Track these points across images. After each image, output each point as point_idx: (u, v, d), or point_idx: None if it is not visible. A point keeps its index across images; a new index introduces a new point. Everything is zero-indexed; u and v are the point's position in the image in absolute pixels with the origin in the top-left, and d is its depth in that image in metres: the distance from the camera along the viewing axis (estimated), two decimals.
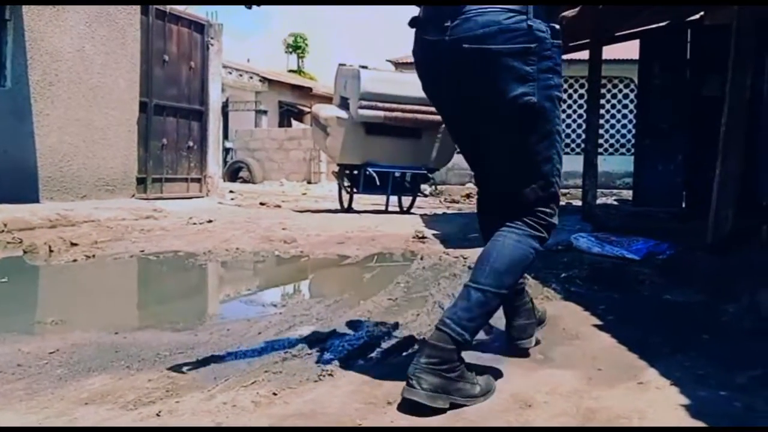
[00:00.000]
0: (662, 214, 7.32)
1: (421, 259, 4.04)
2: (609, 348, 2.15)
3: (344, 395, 1.65)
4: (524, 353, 2.05)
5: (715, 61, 7.05)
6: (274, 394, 1.64)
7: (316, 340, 2.16)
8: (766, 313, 2.39)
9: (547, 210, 1.79)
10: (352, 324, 2.40)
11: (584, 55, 9.56)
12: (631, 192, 13.06)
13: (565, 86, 14.47)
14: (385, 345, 2.12)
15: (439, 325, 1.66)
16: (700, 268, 3.10)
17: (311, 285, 3.65)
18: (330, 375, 1.80)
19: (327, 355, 2.00)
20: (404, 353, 2.04)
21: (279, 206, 8.54)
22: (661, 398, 1.67)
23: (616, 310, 2.71)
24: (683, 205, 7.11)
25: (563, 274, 3.58)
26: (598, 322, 2.50)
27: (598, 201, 6.72)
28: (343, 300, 2.86)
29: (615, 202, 9.72)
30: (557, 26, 1.67)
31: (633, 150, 13.97)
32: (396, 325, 2.38)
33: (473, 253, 4.22)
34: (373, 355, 2.02)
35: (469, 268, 3.72)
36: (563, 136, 1.92)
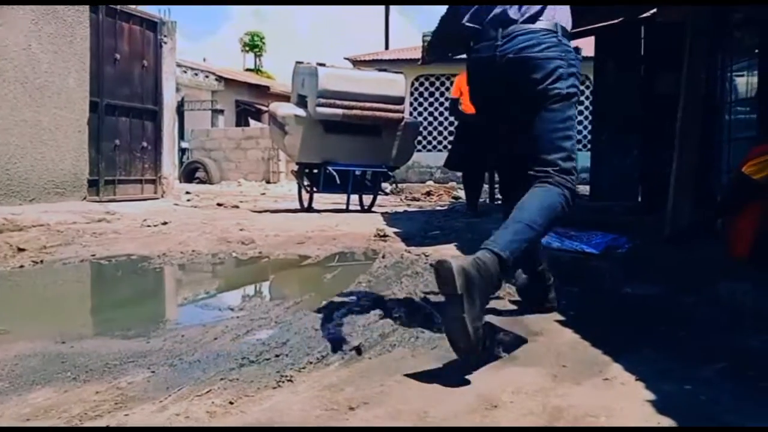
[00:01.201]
0: (618, 207, 7.43)
1: (383, 257, 3.98)
2: (573, 344, 2.14)
3: (304, 402, 1.59)
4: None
5: (669, 58, 7.19)
6: (231, 403, 1.57)
7: (275, 345, 2.09)
8: (726, 304, 2.41)
9: (569, 177, 2.20)
10: (313, 326, 2.33)
11: None
12: (587, 187, 13.34)
13: None
14: (346, 348, 2.06)
15: (487, 247, 1.97)
16: (659, 260, 3.13)
17: (270, 287, 3.56)
18: (289, 381, 1.73)
19: (286, 360, 1.93)
20: (368, 356, 1.98)
21: (237, 207, 8.39)
22: (627, 394, 1.66)
23: (578, 304, 2.70)
24: (639, 199, 7.23)
25: (522, 272, 3.57)
26: (561, 318, 2.48)
27: None
28: (303, 302, 2.78)
29: None
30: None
31: (589, 146, 14.27)
32: (359, 326, 2.32)
33: (435, 251, 4.21)
34: (334, 358, 1.96)
35: (431, 265, 3.69)
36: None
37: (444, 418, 1.51)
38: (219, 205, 8.51)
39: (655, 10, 8.16)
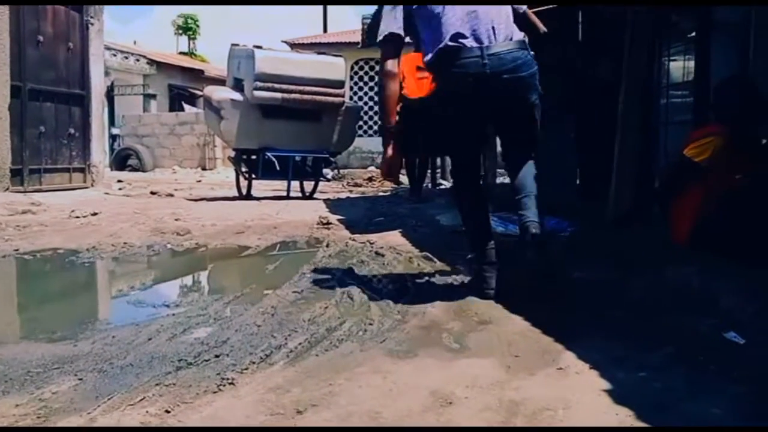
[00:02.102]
0: (557, 191, 7.53)
1: (327, 246, 3.88)
2: (524, 332, 2.10)
3: (247, 407, 1.48)
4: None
5: (606, 44, 7.30)
6: (167, 411, 1.45)
7: (214, 344, 1.96)
8: (673, 288, 2.42)
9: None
10: (255, 322, 2.21)
11: None
12: None
13: None
14: (291, 345, 1.96)
15: (530, 227, 2.53)
16: (603, 245, 3.14)
17: (208, 281, 3.41)
18: (231, 384, 1.62)
19: (227, 361, 1.81)
20: (314, 353, 1.88)
21: (171, 195, 8.08)
22: (582, 384, 1.62)
23: (525, 290, 2.67)
24: (577, 183, 7.35)
25: (469, 255, 3.53)
26: (510, 305, 2.44)
27: (496, 181, 6.80)
28: (244, 296, 2.66)
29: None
30: None
31: None
32: (303, 321, 2.22)
33: (380, 238, 4.13)
34: (278, 357, 1.85)
35: (377, 253, 3.62)
36: None
37: (398, 418, 1.43)
38: (153, 193, 8.18)
39: None
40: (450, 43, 2.52)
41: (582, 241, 3.46)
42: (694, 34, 4.44)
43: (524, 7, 2.85)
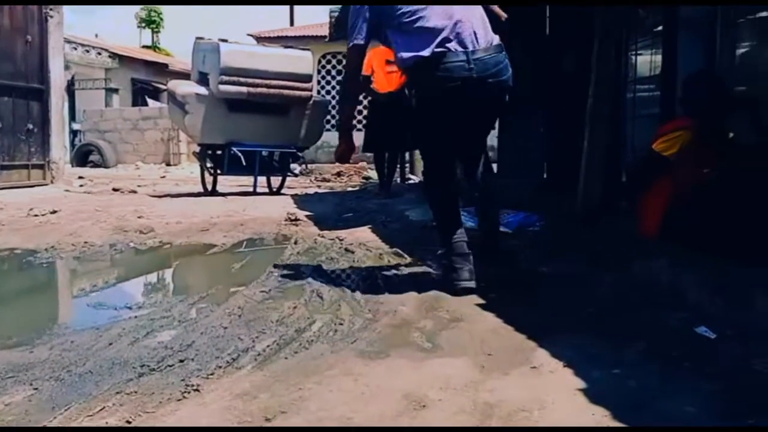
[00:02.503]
0: (524, 185, 7.57)
1: (295, 243, 3.81)
2: (496, 329, 2.07)
3: (214, 414, 1.42)
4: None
5: (574, 36, 7.34)
6: (128, 422, 1.38)
7: (178, 348, 1.89)
8: (643, 282, 2.42)
9: None
10: (221, 324, 2.14)
11: None
12: (495, 165, 13.61)
13: None
14: (259, 347, 1.90)
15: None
16: (573, 240, 3.14)
17: (172, 280, 3.31)
18: (196, 390, 1.55)
19: (192, 366, 1.74)
20: (283, 356, 1.83)
21: (135, 192, 7.89)
22: (557, 383, 1.60)
23: (496, 286, 2.65)
24: (544, 176, 7.39)
25: (440, 251, 3.50)
26: (481, 301, 2.42)
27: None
28: (210, 296, 2.58)
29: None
30: None
31: (494, 125, 14.55)
32: (271, 322, 2.16)
33: (349, 234, 4.07)
34: (245, 360, 1.79)
35: (346, 250, 3.56)
36: None
37: (370, 423, 1.39)
38: (115, 190, 7.97)
39: None
40: (437, 49, 2.59)
41: (551, 235, 3.45)
42: (660, 29, 4.47)
43: (495, 6, 2.93)
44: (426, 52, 2.59)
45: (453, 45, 2.59)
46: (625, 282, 2.53)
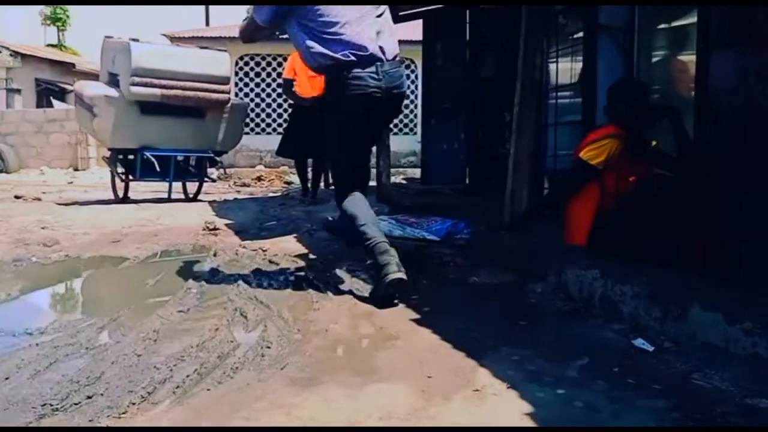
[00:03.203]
0: (448, 190, 7.60)
1: (215, 255, 3.60)
2: (433, 347, 1.98)
3: None
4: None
5: (493, 42, 7.43)
6: None
7: (86, 382, 1.69)
8: (575, 292, 2.40)
9: None
10: (134, 351, 1.95)
11: None
12: (415, 170, 13.65)
13: None
14: (178, 377, 1.72)
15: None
16: (501, 247, 3.11)
17: (80, 300, 3.01)
18: None
19: (101, 402, 1.55)
20: (205, 386, 1.66)
21: (39, 199, 7.38)
22: (502, 407, 1.52)
23: (429, 299, 2.58)
24: (467, 182, 7.44)
25: (368, 261, 3.40)
26: (415, 316, 2.33)
27: (390, 181, 6.72)
28: (121, 318, 2.36)
29: (404, 181, 9.95)
30: None
31: (415, 130, 14.59)
32: (191, 347, 1.98)
33: (273, 245, 3.89)
34: (163, 394, 1.61)
35: (271, 262, 3.40)
36: None
37: None
38: (17, 197, 7.43)
39: None
40: (349, 57, 2.73)
41: (479, 243, 3.41)
42: (581, 35, 4.54)
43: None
44: (339, 55, 2.72)
45: (367, 55, 2.74)
46: (557, 292, 2.50)
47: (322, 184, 7.07)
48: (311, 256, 3.55)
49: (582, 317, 2.22)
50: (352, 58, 2.72)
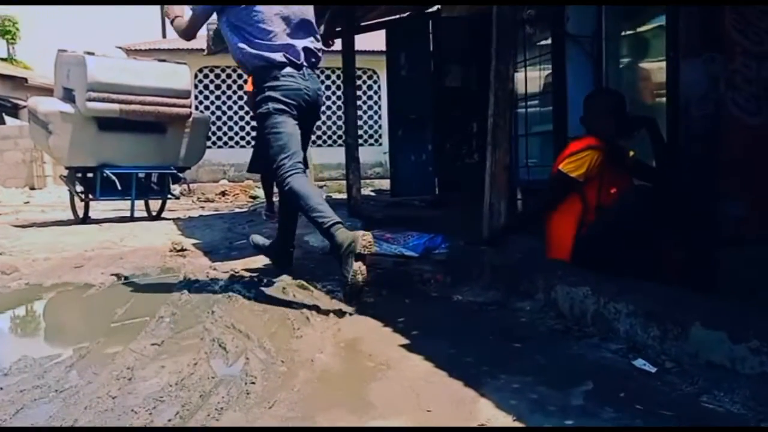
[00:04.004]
0: (417, 201, 7.55)
1: (185, 279, 3.45)
2: (427, 376, 1.89)
3: None
4: None
5: (456, 52, 7.43)
6: None
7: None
8: (566, 311, 2.34)
9: None
10: (108, 393, 1.81)
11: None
12: (383, 181, 13.59)
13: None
14: (159, 421, 1.60)
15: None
16: (482, 263, 3.04)
17: (44, 334, 2.83)
18: None
19: None
20: None
21: None
22: None
23: (415, 321, 2.49)
24: (436, 192, 7.39)
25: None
26: (405, 341, 2.24)
27: (361, 193, 6.62)
28: (91, 353, 2.21)
29: (372, 193, 9.88)
30: None
31: (380, 141, 14.56)
32: (170, 385, 1.85)
33: (245, 265, 3.76)
34: None
35: (244, 285, 3.27)
36: None
37: None
38: None
39: (439, 6, 8.42)
40: (284, 60, 3.07)
41: (459, 258, 3.35)
42: (549, 43, 4.54)
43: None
44: (272, 56, 3.05)
45: (294, 60, 3.10)
46: (547, 310, 2.45)
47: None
48: (285, 276, 3.43)
49: (576, 336, 2.16)
50: (285, 60, 3.07)
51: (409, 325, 2.41)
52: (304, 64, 3.15)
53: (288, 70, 3.08)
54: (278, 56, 3.06)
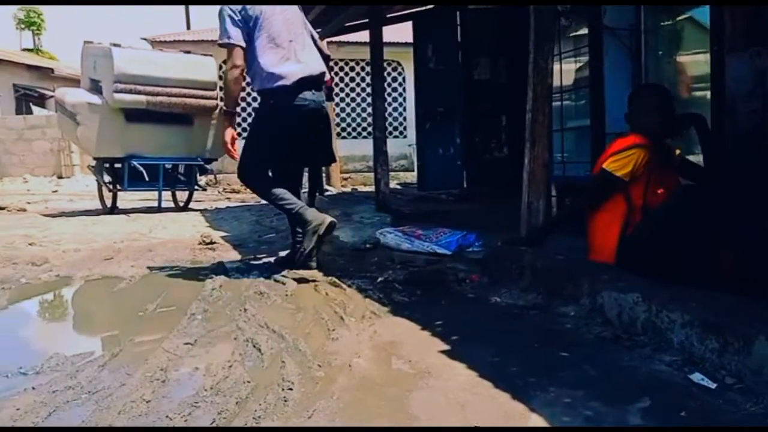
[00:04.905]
0: (444, 195, 7.46)
1: (216, 274, 3.40)
2: (472, 386, 1.80)
3: None
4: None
5: (483, 44, 7.29)
6: None
7: None
8: (614, 318, 2.24)
9: None
10: (142, 396, 1.76)
11: (352, 37, 9.36)
12: (407, 174, 13.48)
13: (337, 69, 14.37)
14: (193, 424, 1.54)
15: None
16: (521, 263, 2.93)
17: (75, 330, 2.79)
18: None
19: None
20: None
21: (24, 210, 7.15)
22: None
23: (454, 324, 2.41)
24: (464, 186, 7.29)
25: (379, 278, 3.24)
26: (445, 346, 2.15)
27: (389, 187, 6.52)
28: (124, 352, 2.17)
29: (398, 186, 9.78)
30: None
31: (405, 133, 14.43)
32: (205, 389, 1.79)
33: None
34: None
35: (275, 281, 3.22)
36: None
37: None
38: (1, 209, 7.18)
39: None
40: (294, 81, 3.29)
41: (495, 258, 3.24)
42: (584, 37, 4.41)
43: (316, 35, 3.68)
44: (288, 82, 3.28)
45: (305, 79, 3.32)
46: (593, 316, 2.34)
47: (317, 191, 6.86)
48: (317, 273, 3.37)
49: (626, 346, 2.06)
50: (296, 81, 3.31)
51: (447, 329, 2.33)
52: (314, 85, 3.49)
53: (299, 94, 3.40)
54: (291, 80, 3.38)
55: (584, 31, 4.60)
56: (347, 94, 14.65)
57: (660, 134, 2.75)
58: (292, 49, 3.37)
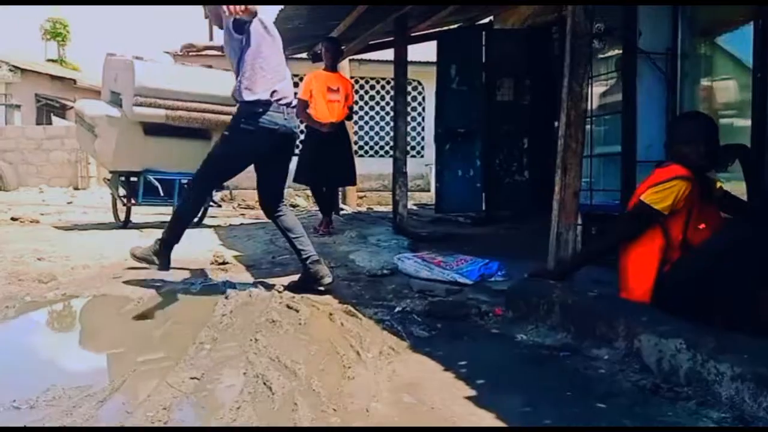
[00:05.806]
0: (462, 218, 7.29)
1: (227, 297, 3.26)
2: None
3: None
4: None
5: (508, 65, 7.16)
6: None
7: None
8: (651, 363, 2.06)
9: None
10: None
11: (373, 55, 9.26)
12: (422, 194, 13.34)
13: (357, 87, 14.29)
14: None
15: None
16: (548, 298, 2.76)
17: (75, 357, 2.61)
18: None
19: None
20: None
21: (37, 221, 7.06)
22: None
23: (478, 365, 2.25)
24: (483, 209, 7.12)
25: (397, 308, 3.08)
26: (470, 392, 1.99)
27: (407, 208, 6.35)
28: (125, 385, 2.02)
29: (415, 207, 9.62)
30: None
31: (422, 153, 14.30)
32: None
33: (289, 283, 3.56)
34: None
35: (289, 306, 3.08)
36: None
37: None
38: (14, 219, 7.11)
39: (492, 17, 8.17)
40: (271, 97, 3.33)
41: (520, 291, 3.07)
42: (616, 59, 4.26)
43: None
44: (264, 96, 3.31)
45: (284, 100, 3.38)
46: (629, 361, 2.17)
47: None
48: (332, 299, 3.22)
49: (667, 398, 1.88)
50: (272, 98, 3.35)
51: (472, 371, 2.16)
52: (285, 105, 3.48)
53: (272, 110, 3.43)
54: (266, 93, 3.43)
55: (615, 51, 4.45)
56: (366, 113, 14.57)
57: (704, 166, 2.58)
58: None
